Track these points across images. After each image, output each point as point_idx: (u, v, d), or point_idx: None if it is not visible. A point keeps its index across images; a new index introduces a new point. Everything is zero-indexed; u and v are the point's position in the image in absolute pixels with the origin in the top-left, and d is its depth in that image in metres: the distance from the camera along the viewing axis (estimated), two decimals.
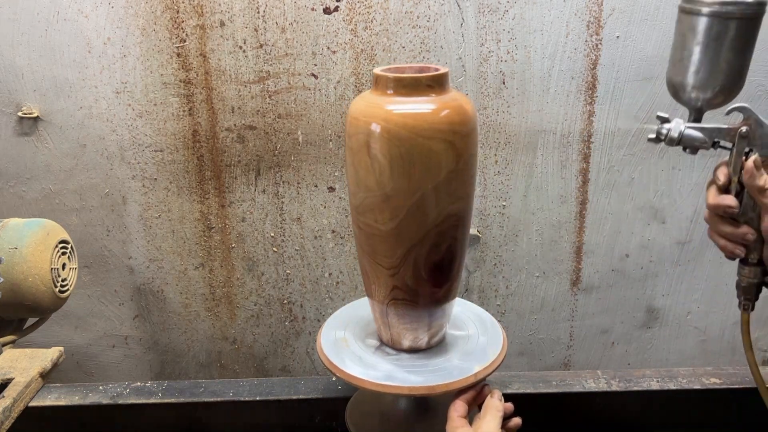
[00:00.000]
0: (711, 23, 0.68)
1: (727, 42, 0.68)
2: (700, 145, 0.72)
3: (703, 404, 1.05)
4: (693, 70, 0.70)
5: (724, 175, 0.73)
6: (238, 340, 1.47)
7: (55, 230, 1.03)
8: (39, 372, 1.02)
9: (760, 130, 0.70)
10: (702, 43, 0.69)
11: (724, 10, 0.67)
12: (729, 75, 0.70)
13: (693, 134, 0.72)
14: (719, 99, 0.72)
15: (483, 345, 0.88)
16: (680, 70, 0.72)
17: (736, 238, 0.74)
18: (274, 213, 1.35)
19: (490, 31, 1.21)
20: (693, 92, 0.72)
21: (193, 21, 1.21)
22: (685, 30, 0.71)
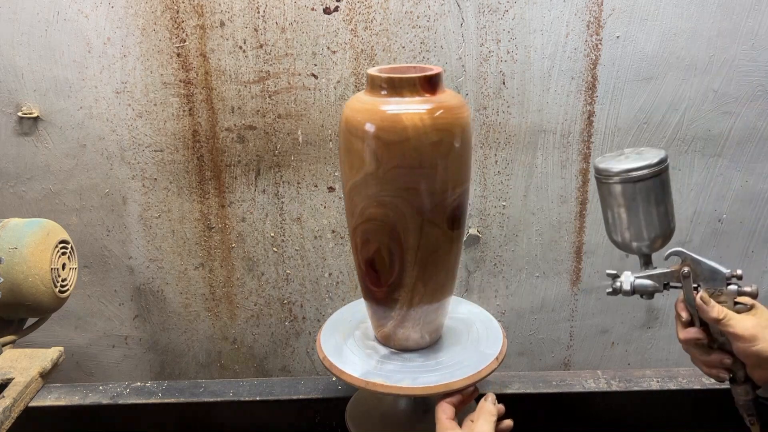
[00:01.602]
0: (624, 188, 0.76)
1: (644, 200, 0.76)
2: (653, 290, 0.80)
3: (703, 404, 1.05)
4: (624, 227, 0.78)
5: (683, 310, 0.79)
6: (238, 340, 1.47)
7: (55, 230, 1.03)
8: (39, 372, 1.02)
9: (699, 268, 0.77)
10: (623, 205, 0.77)
11: (632, 175, 0.75)
12: (657, 224, 0.78)
13: (644, 283, 0.80)
14: (658, 243, 0.79)
15: (482, 345, 0.88)
16: (615, 229, 0.80)
17: (714, 365, 0.79)
18: (274, 213, 1.35)
19: (490, 31, 1.21)
20: (633, 244, 0.79)
21: (193, 21, 1.21)
22: (605, 195, 0.78)
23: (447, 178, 0.76)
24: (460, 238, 0.83)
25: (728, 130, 1.28)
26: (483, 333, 0.91)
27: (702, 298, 0.75)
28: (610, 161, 0.77)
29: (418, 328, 0.85)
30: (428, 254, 0.79)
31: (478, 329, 0.92)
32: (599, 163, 0.78)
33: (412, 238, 0.77)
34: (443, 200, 0.76)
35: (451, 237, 0.80)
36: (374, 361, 0.85)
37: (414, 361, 0.85)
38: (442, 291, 0.84)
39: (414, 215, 0.76)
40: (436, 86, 0.76)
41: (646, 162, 0.75)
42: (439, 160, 0.74)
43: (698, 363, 0.81)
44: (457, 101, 0.77)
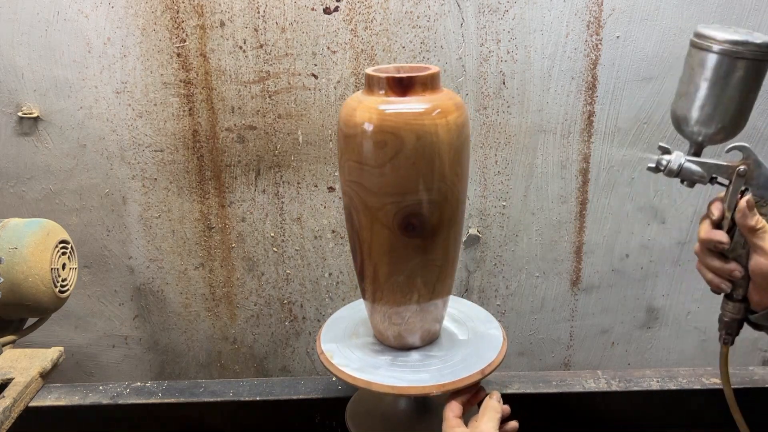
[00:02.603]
0: (720, 61, 0.69)
1: (734, 81, 0.69)
2: (698, 179, 0.75)
3: (703, 404, 1.05)
4: (698, 104, 0.72)
5: (718, 210, 0.75)
6: (238, 340, 1.47)
7: (55, 230, 1.03)
8: (39, 372, 1.02)
9: (758, 171, 0.72)
10: (710, 80, 0.70)
11: (735, 49, 0.68)
12: (733, 113, 0.72)
13: (692, 168, 0.74)
14: (721, 135, 0.73)
15: (482, 345, 0.88)
16: (685, 104, 0.73)
17: (723, 274, 0.75)
18: (274, 213, 1.35)
19: (490, 31, 1.21)
20: (696, 126, 0.73)
21: (193, 21, 1.21)
22: (695, 65, 0.72)
23: (394, 182, 0.74)
24: (426, 248, 0.79)
25: None
26: (482, 333, 0.91)
27: (748, 202, 0.71)
28: (717, 29, 0.69)
29: (397, 328, 0.85)
30: (381, 253, 0.80)
31: (477, 329, 0.92)
32: (703, 28, 0.70)
33: (366, 232, 0.79)
34: (391, 203, 0.75)
35: (407, 243, 0.78)
36: (373, 361, 0.85)
37: (413, 361, 0.85)
38: (404, 295, 0.81)
39: (364, 210, 0.77)
40: (408, 88, 0.74)
41: (757, 41, 0.67)
42: (386, 162, 0.73)
43: (703, 269, 0.77)
44: (431, 106, 0.73)
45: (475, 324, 0.93)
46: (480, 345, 0.87)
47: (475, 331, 0.92)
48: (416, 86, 0.75)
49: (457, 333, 0.91)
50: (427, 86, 0.75)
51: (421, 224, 0.76)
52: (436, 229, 0.78)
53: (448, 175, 0.75)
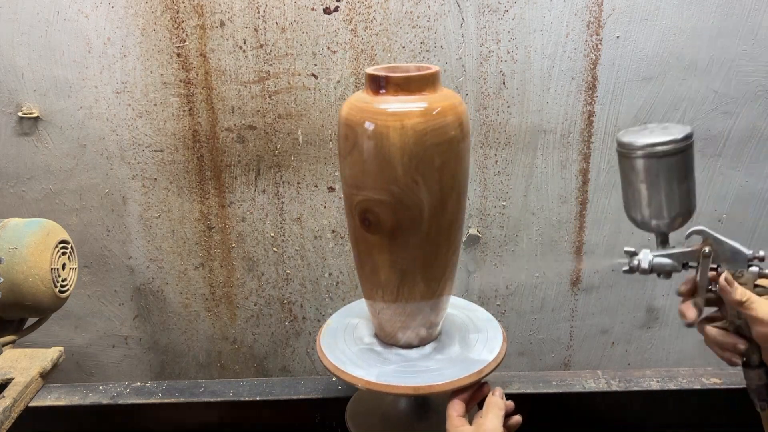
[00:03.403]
0: (647, 163, 0.73)
1: (667, 176, 0.73)
2: (671, 269, 0.78)
3: (703, 404, 1.05)
4: (644, 204, 0.76)
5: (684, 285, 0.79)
6: (238, 340, 1.47)
7: (55, 230, 1.03)
8: (39, 372, 1.02)
9: (721, 248, 0.74)
10: (645, 181, 0.74)
11: (656, 150, 0.72)
12: (679, 202, 0.75)
13: (662, 261, 0.78)
14: (677, 222, 0.77)
15: (482, 344, 0.88)
16: (634, 206, 0.77)
17: (728, 348, 0.77)
18: (274, 213, 1.35)
19: (490, 31, 1.21)
20: (652, 221, 0.77)
21: (193, 21, 1.21)
22: (627, 170, 0.75)
23: (351, 174, 0.78)
24: (388, 247, 0.79)
25: (728, 130, 1.28)
26: (482, 332, 0.91)
27: (726, 279, 0.73)
28: (634, 135, 0.74)
29: (380, 323, 0.86)
30: (353, 242, 0.83)
31: (477, 328, 0.92)
32: (622, 137, 0.74)
33: (349, 218, 0.82)
34: (351, 194, 0.79)
35: (368, 238, 0.79)
36: (374, 360, 0.85)
37: (413, 360, 0.85)
38: (372, 289, 0.83)
39: (346, 197, 0.81)
40: (380, 86, 0.76)
41: (672, 137, 0.71)
42: (347, 154, 0.77)
43: (713, 346, 0.78)
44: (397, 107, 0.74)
45: (474, 324, 0.93)
46: (479, 345, 0.87)
47: (474, 331, 0.92)
48: (390, 86, 0.75)
49: (457, 333, 0.91)
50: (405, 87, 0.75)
51: (377, 222, 0.77)
52: (394, 230, 0.77)
53: (401, 179, 0.74)
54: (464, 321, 0.94)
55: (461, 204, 0.81)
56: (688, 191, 0.75)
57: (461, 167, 0.78)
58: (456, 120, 0.75)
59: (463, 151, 0.78)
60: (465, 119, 0.77)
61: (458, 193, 0.79)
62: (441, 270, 0.82)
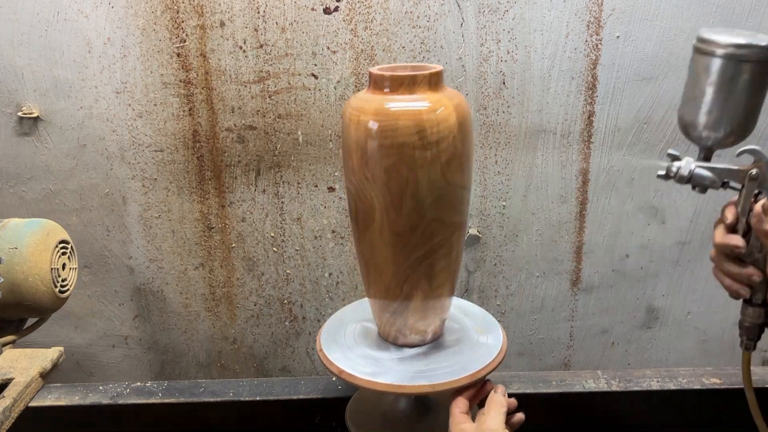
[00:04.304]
0: (725, 65, 0.68)
1: (740, 85, 0.68)
2: (710, 184, 0.73)
3: (703, 404, 1.05)
4: (705, 110, 0.70)
5: (732, 214, 0.73)
6: (238, 340, 1.47)
7: (55, 230, 1.03)
8: (39, 372, 1.02)
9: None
10: (715, 84, 0.69)
11: (739, 53, 0.67)
12: (741, 117, 0.70)
13: (703, 174, 0.72)
14: (730, 139, 0.72)
15: (482, 344, 0.88)
16: (692, 109, 0.71)
17: (741, 279, 0.74)
18: (274, 213, 1.35)
19: (490, 31, 1.21)
20: (704, 131, 0.72)
21: (193, 21, 1.21)
22: (699, 70, 0.70)
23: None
24: (358, 238, 0.82)
25: None
26: (483, 332, 0.91)
27: (764, 206, 0.69)
28: (720, 33, 0.69)
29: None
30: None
31: (477, 328, 0.92)
32: (706, 32, 0.69)
33: None
34: None
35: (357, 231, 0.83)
36: (375, 361, 0.85)
37: (413, 359, 0.85)
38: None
39: None
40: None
41: (761, 43, 0.66)
42: None
43: (721, 275, 0.76)
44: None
45: (474, 324, 0.93)
46: (479, 345, 0.87)
47: (474, 330, 0.92)
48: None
49: (458, 332, 0.91)
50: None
51: (354, 212, 0.81)
52: (359, 223, 0.81)
53: (357, 172, 0.76)
54: (464, 321, 0.94)
55: (424, 209, 0.76)
56: (755, 108, 0.70)
57: (417, 175, 0.74)
58: (414, 126, 0.72)
59: (422, 160, 0.73)
60: (430, 126, 0.72)
61: (417, 198, 0.75)
62: (403, 274, 0.81)
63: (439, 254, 0.80)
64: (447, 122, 0.73)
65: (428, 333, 0.87)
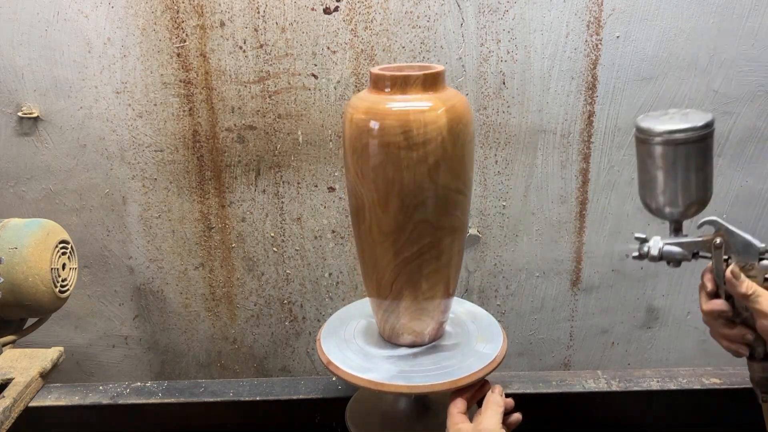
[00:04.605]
0: (665, 150, 0.72)
1: (684, 164, 0.72)
2: (681, 258, 0.77)
3: (703, 404, 1.05)
4: (659, 191, 0.75)
5: (710, 281, 0.76)
6: (238, 340, 1.47)
7: (55, 230, 1.03)
8: (39, 372, 1.02)
9: (733, 239, 0.74)
10: (662, 168, 0.73)
11: (674, 137, 0.71)
12: (694, 190, 0.74)
13: (672, 250, 0.77)
14: (692, 211, 0.75)
15: (478, 352, 0.87)
16: (649, 192, 0.76)
17: (736, 339, 0.77)
18: (274, 213, 1.35)
19: (490, 31, 1.21)
20: (666, 209, 0.76)
21: (193, 21, 1.21)
22: (644, 156, 0.75)
23: None
24: (360, 234, 0.82)
25: (728, 130, 1.28)
26: (482, 332, 0.91)
27: (732, 272, 0.73)
28: (654, 120, 0.73)
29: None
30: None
31: (477, 328, 0.92)
32: (641, 122, 0.74)
33: None
34: None
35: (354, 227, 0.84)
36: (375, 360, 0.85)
37: (402, 359, 0.85)
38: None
39: None
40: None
41: (692, 124, 0.70)
42: None
43: (717, 336, 0.79)
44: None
45: (467, 318, 0.93)
46: (473, 353, 0.87)
47: (469, 324, 0.92)
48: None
49: (458, 333, 0.91)
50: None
51: (351, 208, 0.83)
52: (354, 219, 0.82)
53: (350, 169, 0.78)
54: (469, 327, 0.93)
55: (410, 210, 0.76)
56: (705, 179, 0.74)
57: (402, 175, 0.74)
58: (400, 126, 0.72)
59: (408, 160, 0.73)
60: (416, 127, 0.72)
61: (403, 199, 0.76)
62: (392, 273, 0.81)
63: (428, 256, 0.79)
64: (435, 124, 0.73)
65: (425, 334, 0.87)
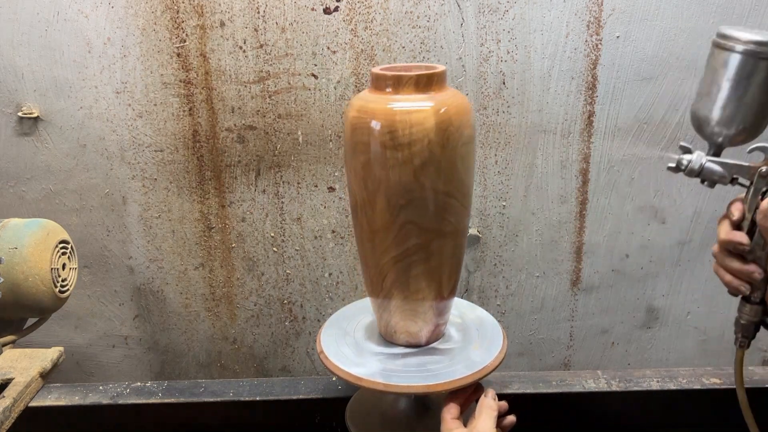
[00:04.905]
0: (744, 61, 0.68)
1: (757, 82, 0.69)
2: (719, 179, 0.73)
3: (703, 404, 1.05)
4: (720, 105, 0.71)
5: (738, 211, 0.73)
6: (238, 340, 1.47)
7: (55, 230, 1.03)
8: (39, 372, 1.02)
9: None
10: (732, 80, 0.69)
11: (759, 50, 0.67)
12: (755, 114, 0.70)
13: (713, 168, 0.73)
14: (742, 137, 0.72)
15: (469, 359, 0.87)
16: (706, 104, 0.72)
17: (742, 275, 0.74)
18: (274, 213, 1.35)
19: (490, 31, 1.21)
20: (717, 127, 0.72)
21: (193, 21, 1.21)
22: (717, 65, 0.70)
23: None
24: (356, 229, 0.83)
25: None
26: (483, 340, 0.90)
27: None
28: (741, 29, 0.69)
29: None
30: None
31: (477, 328, 0.92)
32: (726, 29, 0.70)
33: None
34: None
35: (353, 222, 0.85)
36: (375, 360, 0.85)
37: (390, 358, 0.85)
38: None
39: None
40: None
41: None
42: None
43: (722, 271, 0.76)
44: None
45: (474, 324, 0.93)
46: (463, 360, 0.86)
47: (474, 331, 0.92)
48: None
49: (458, 333, 0.91)
50: None
51: (350, 203, 0.84)
52: (352, 214, 0.83)
53: (347, 165, 0.80)
54: (473, 334, 0.93)
55: (396, 210, 0.76)
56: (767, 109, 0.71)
57: (388, 174, 0.74)
58: (386, 126, 0.73)
59: (393, 160, 0.74)
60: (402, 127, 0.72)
61: (388, 198, 0.76)
62: (382, 271, 0.81)
63: (416, 258, 0.79)
64: (422, 125, 0.72)
65: (420, 336, 0.87)
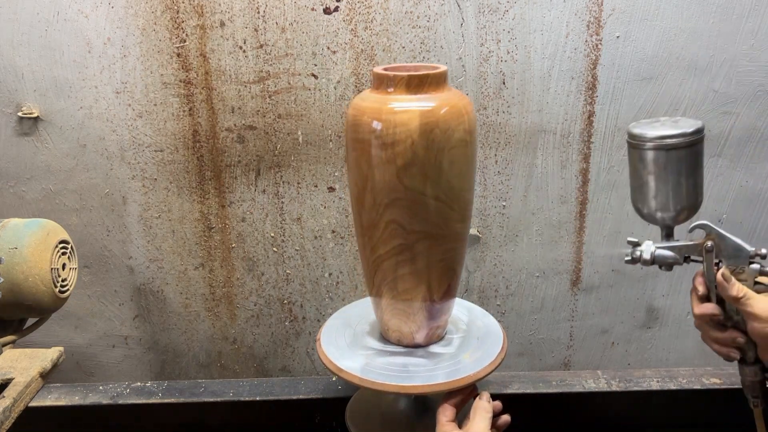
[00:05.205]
0: (656, 155, 0.74)
1: (674, 169, 0.74)
2: (673, 262, 0.78)
3: (703, 404, 1.05)
4: (651, 195, 0.76)
5: (701, 285, 0.78)
6: (238, 340, 1.47)
7: (55, 230, 1.03)
8: (39, 372, 1.02)
9: (724, 243, 0.75)
10: (653, 173, 0.75)
11: (665, 143, 0.73)
12: (686, 195, 0.76)
13: (664, 254, 0.78)
14: (683, 215, 0.77)
15: (481, 345, 0.87)
16: (641, 197, 0.78)
17: (727, 342, 0.77)
18: (274, 213, 1.35)
19: (490, 31, 1.21)
20: (657, 213, 0.77)
21: (193, 21, 1.21)
22: (636, 162, 0.76)
23: None
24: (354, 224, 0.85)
25: (728, 130, 1.28)
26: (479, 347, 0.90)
27: (723, 275, 0.74)
28: (645, 127, 0.75)
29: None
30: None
31: (479, 338, 0.91)
32: (633, 128, 0.76)
33: None
34: None
35: None
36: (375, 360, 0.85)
37: (380, 355, 0.85)
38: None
39: None
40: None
41: (682, 130, 0.73)
42: None
43: (709, 340, 0.79)
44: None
45: (479, 332, 0.93)
46: (479, 345, 0.87)
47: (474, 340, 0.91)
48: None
49: (458, 333, 0.91)
50: None
51: None
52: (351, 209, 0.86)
53: (346, 161, 0.82)
54: (472, 342, 0.92)
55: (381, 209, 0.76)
56: (695, 185, 0.76)
57: (374, 173, 0.75)
58: (374, 124, 0.74)
59: (377, 159, 0.75)
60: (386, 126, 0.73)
61: (374, 196, 0.76)
62: (371, 268, 0.82)
63: (401, 258, 0.79)
64: (405, 126, 0.72)
65: (414, 336, 0.86)
